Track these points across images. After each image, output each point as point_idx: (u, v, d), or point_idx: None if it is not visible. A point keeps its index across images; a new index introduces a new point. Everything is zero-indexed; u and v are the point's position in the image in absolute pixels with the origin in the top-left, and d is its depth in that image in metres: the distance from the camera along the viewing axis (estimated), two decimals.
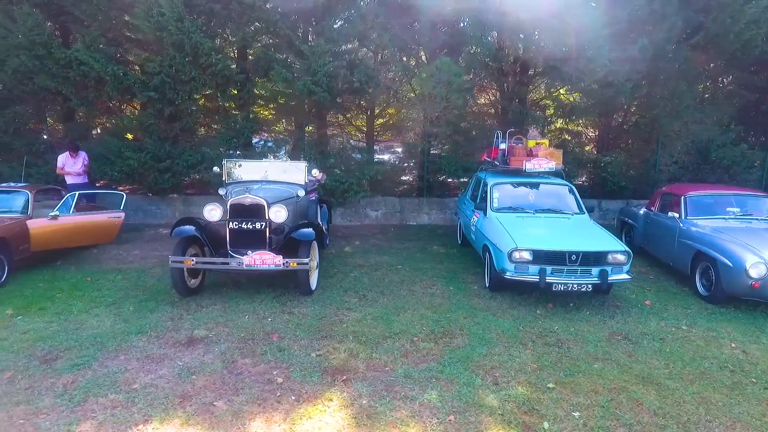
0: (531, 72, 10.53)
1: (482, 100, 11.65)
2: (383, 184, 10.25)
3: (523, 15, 8.37)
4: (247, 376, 3.86)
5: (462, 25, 9.53)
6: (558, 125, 11.45)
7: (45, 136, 10.11)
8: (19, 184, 7.29)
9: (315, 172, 6.99)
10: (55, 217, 6.70)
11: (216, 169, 7.01)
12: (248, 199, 5.68)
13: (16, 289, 5.87)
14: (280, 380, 3.80)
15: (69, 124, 10.03)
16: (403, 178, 11.14)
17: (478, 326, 4.94)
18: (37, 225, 6.56)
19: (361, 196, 9.97)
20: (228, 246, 5.72)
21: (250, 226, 5.66)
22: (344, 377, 3.87)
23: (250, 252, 5.60)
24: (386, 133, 11.80)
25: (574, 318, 5.25)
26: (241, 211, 5.66)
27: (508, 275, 5.52)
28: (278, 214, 5.65)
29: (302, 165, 7.00)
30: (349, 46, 9.36)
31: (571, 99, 10.51)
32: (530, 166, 7.03)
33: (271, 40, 9.22)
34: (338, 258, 7.56)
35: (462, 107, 8.94)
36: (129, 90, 8.93)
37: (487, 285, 6.16)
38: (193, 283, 5.75)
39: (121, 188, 10.70)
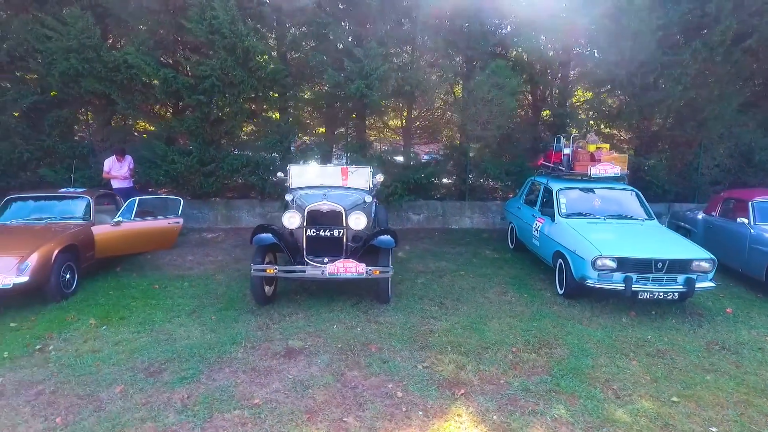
0: (573, 73, 10.49)
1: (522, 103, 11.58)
2: (425, 187, 10.18)
3: (577, 18, 8.31)
4: (364, 390, 3.79)
5: (509, 28, 9.46)
6: (594, 128, 11.40)
7: (86, 140, 9.99)
8: (78, 190, 7.20)
9: (379, 177, 6.92)
10: (118, 223, 6.62)
11: (280, 174, 6.93)
12: (325, 205, 5.62)
13: (88, 297, 5.79)
14: (399, 394, 3.73)
15: (109, 128, 9.94)
16: (444, 181, 11.06)
17: (571, 336, 4.87)
18: (101, 231, 6.48)
19: (406, 200, 9.91)
20: (304, 253, 5.65)
21: (328, 233, 5.59)
22: (462, 391, 3.80)
23: (325, 259, 5.57)
24: (423, 135, 11.70)
25: (663, 327, 5.19)
26: (318, 218, 5.59)
27: (589, 283, 5.46)
28: (358, 221, 5.58)
29: (367, 170, 6.94)
30: (396, 49, 9.28)
31: (613, 103, 10.44)
32: (595, 171, 6.97)
33: (318, 43, 9.12)
34: (397, 264, 7.46)
35: (513, 110, 8.87)
36: (176, 93, 8.84)
37: (561, 292, 6.09)
38: (268, 290, 5.68)
39: (161, 192, 10.64)
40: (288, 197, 6.48)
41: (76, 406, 3.53)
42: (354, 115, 10.02)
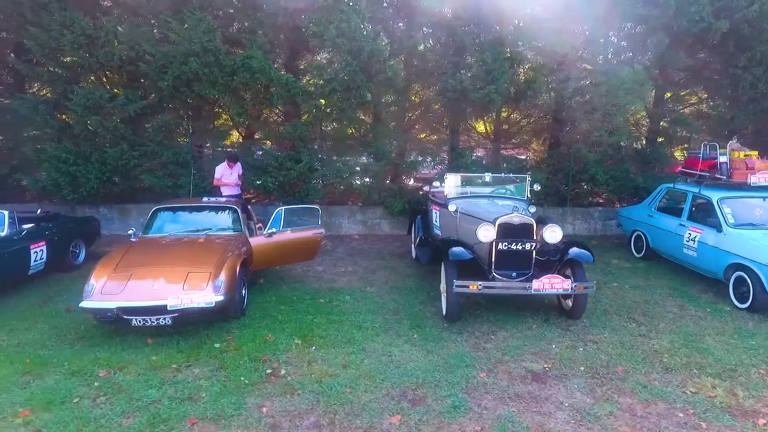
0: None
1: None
2: None
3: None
4: (659, 419, 3.57)
5: (638, 29, 9.25)
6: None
7: (185, 147, 9.74)
8: (220, 199, 6.96)
9: (537, 186, 6.71)
10: (271, 234, 6.37)
11: (436, 183, 6.71)
12: (516, 218, 5.40)
13: (261, 313, 5.54)
14: (704, 425, 3.52)
15: (209, 133, 9.70)
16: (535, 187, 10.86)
17: None
18: (257, 243, 6.23)
19: None
20: (493, 268, 5.43)
21: (520, 247, 5.37)
22: (762, 421, 3.59)
23: (513, 273, 5.38)
24: (516, 137, 11.50)
25: None
26: (510, 231, 5.38)
27: None
28: (554, 234, 5.38)
29: (526, 178, 6.72)
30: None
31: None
32: (755, 179, 6.77)
33: (437, 45, 8.90)
34: None
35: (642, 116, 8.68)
36: (291, 99, 8.60)
37: (744, 306, 5.88)
38: None
39: (255, 199, 10.41)
40: (451, 207, 6.29)
41: None
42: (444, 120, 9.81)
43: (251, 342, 4.78)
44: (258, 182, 9.07)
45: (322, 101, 8.38)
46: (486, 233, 5.29)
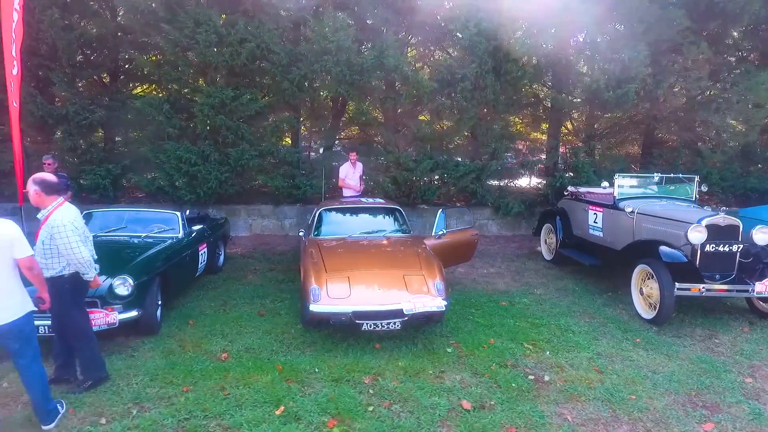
0: None
1: None
2: None
3: None
4: None
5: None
6: None
7: (298, 146, 9.64)
8: (379, 201, 6.85)
9: (704, 187, 6.63)
10: (440, 236, 6.27)
11: (605, 183, 6.62)
12: (722, 219, 5.33)
13: (460, 318, 5.41)
14: None
15: (321, 134, 9.58)
16: None
17: None
18: (431, 245, 6.11)
19: None
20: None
21: (726, 249, 5.29)
22: None
23: (717, 276, 5.30)
24: (610, 137, 11.41)
25: None
26: (717, 233, 5.29)
27: None
28: (764, 236, 5.30)
29: (695, 178, 6.64)
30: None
31: None
32: None
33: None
34: None
35: None
36: (419, 96, 8.49)
37: None
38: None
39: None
40: (628, 209, 6.19)
41: None
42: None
43: (478, 347, 4.67)
44: (378, 181, 8.92)
45: (448, 100, 8.25)
46: (698, 235, 5.20)
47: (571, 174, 9.48)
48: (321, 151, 9.75)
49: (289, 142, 10.20)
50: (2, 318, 2.91)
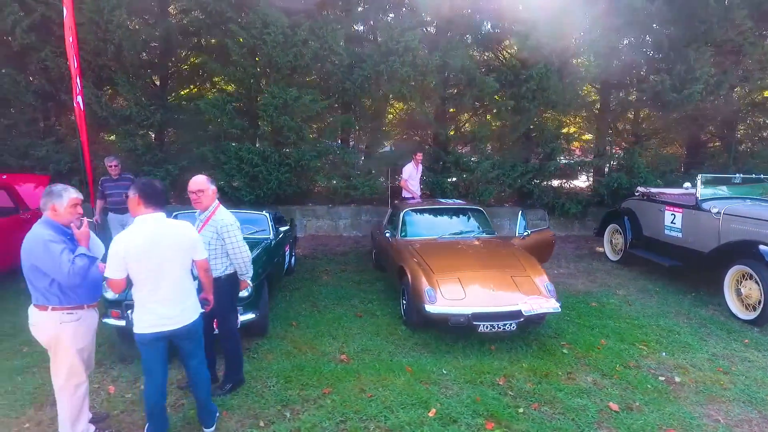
0: None
1: None
2: None
3: None
4: None
5: None
6: None
7: (351, 147, 9.63)
8: (458, 201, 6.85)
9: None
10: (524, 237, 6.27)
11: (687, 184, 6.63)
12: None
13: (560, 319, 5.40)
14: None
15: (375, 134, 9.58)
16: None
17: None
18: (519, 245, 6.12)
19: None
20: None
21: None
22: None
23: None
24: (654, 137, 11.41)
25: None
26: None
27: None
28: None
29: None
30: None
31: None
32: None
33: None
34: None
35: None
36: (481, 98, 8.49)
37: None
38: None
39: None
40: (713, 209, 6.20)
41: None
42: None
43: (592, 348, 4.67)
44: (437, 182, 8.92)
45: (511, 102, 8.25)
46: None
47: (626, 175, 9.48)
48: (381, 150, 9.71)
49: (339, 142, 10.19)
50: (185, 319, 2.90)
